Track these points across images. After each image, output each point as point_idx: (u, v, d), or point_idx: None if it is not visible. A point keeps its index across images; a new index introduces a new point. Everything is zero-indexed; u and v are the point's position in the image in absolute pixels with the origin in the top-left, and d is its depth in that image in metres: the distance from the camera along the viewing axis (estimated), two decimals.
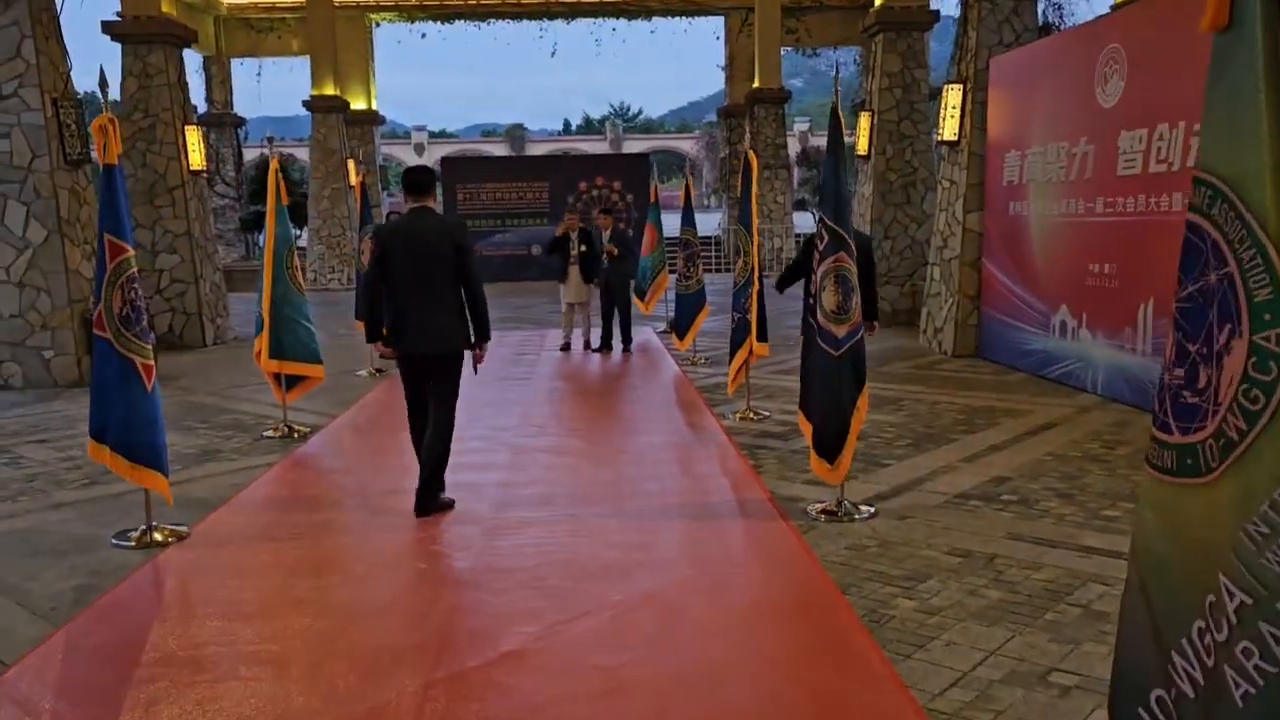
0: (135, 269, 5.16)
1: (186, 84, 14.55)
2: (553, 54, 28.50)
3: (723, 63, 28.38)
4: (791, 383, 8.76)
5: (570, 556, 4.91)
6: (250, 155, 31.97)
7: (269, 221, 7.91)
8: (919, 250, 14.61)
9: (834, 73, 5.49)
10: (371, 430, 8.25)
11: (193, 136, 14.24)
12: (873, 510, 5.51)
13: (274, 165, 7.92)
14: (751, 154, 8.11)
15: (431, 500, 5.62)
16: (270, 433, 8.03)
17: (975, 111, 11.21)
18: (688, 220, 11.65)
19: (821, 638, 3.95)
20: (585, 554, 4.94)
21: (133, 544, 5.24)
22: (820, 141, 41.04)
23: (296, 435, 7.95)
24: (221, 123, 27.53)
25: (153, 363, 5.21)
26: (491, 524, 5.50)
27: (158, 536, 5.32)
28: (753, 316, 7.84)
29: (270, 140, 8.57)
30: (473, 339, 5.64)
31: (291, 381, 8.10)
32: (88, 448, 5.30)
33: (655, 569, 4.71)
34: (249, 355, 13.20)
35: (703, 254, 13.29)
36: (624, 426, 8.23)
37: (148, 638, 3.99)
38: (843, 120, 5.45)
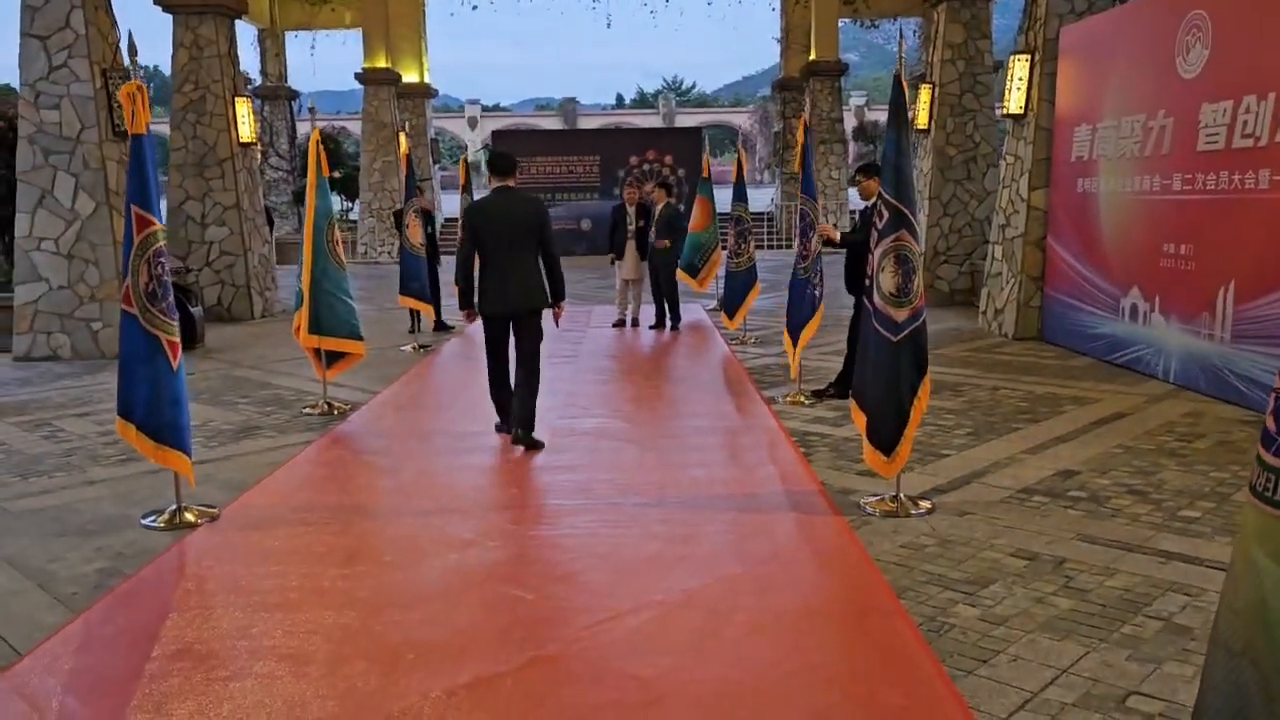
0: (162, 243, 4.98)
1: (237, 56, 14.46)
2: (608, 25, 28.13)
3: (778, 35, 27.80)
4: (838, 364, 8.44)
5: (609, 549, 4.67)
6: (304, 128, 32.10)
7: (309, 194, 7.73)
8: (979, 228, 14.11)
9: (898, 39, 5.12)
10: (412, 408, 8.07)
11: (242, 108, 14.15)
12: (930, 505, 5.19)
13: (315, 136, 7.73)
14: (801, 127, 7.74)
15: (531, 439, 6.40)
16: (310, 410, 7.89)
17: (1043, 83, 10.70)
18: (740, 195, 11.30)
19: (876, 648, 3.66)
20: (625, 547, 4.69)
21: (162, 525, 5.10)
22: (877, 116, 40.24)
23: (336, 412, 7.80)
24: (276, 96, 27.59)
25: (178, 340, 5.04)
26: (529, 512, 5.28)
27: (189, 517, 5.18)
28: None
29: (312, 111, 8.37)
30: (550, 300, 6.46)
31: (332, 358, 7.94)
32: (116, 425, 5.16)
33: (699, 565, 4.45)
34: None
35: (754, 230, 12.88)
36: (670, 409, 7.96)
37: (164, 629, 3.82)
38: (907, 90, 5.09)
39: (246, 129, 14.18)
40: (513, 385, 6.51)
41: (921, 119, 14.34)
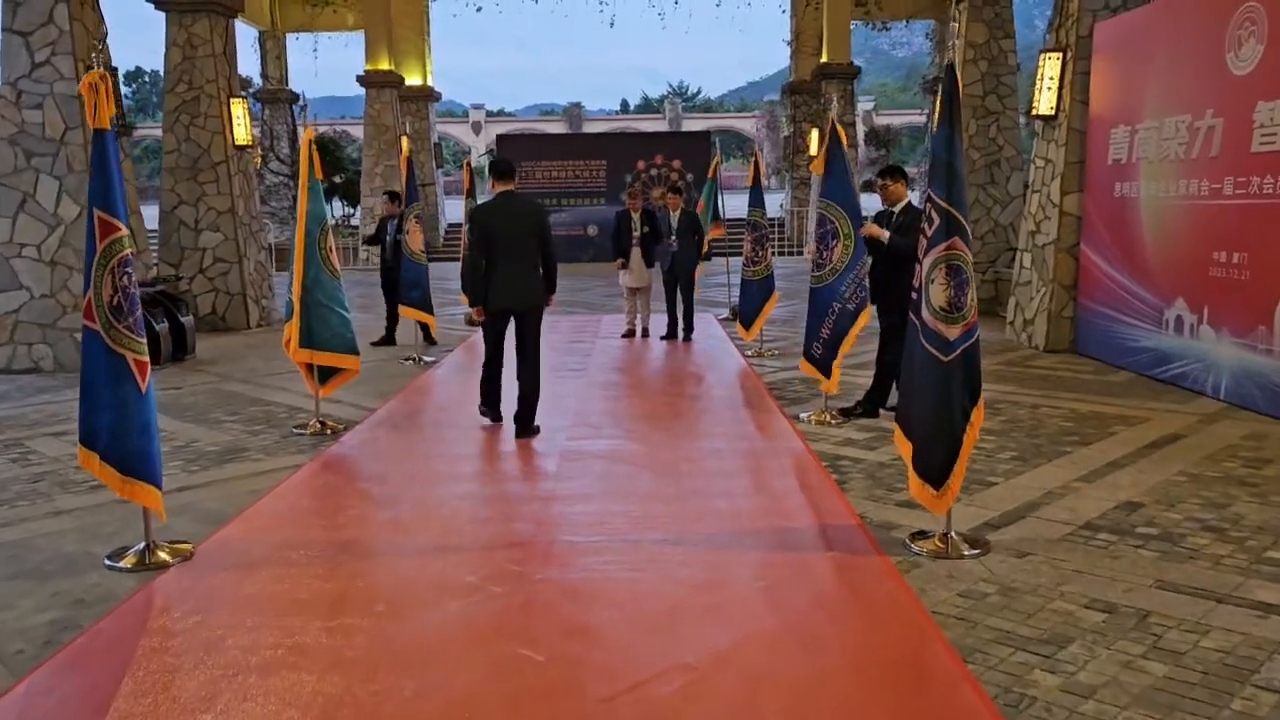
0: (130, 250, 4.46)
1: (234, 55, 13.97)
2: (611, 25, 27.59)
3: (788, 37, 27.29)
4: (867, 378, 7.92)
5: (628, 597, 4.14)
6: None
7: (300, 197, 7.21)
8: (1003, 235, 13.59)
9: (955, 20, 4.59)
10: (411, 428, 7.54)
11: (238, 109, 13.67)
12: (985, 544, 4.65)
13: (307, 136, 7.22)
14: (840, 126, 7.21)
15: (529, 428, 6.92)
16: (301, 429, 7.37)
17: (1076, 82, 10.17)
18: (756, 200, 10.75)
19: None
20: (645, 595, 4.16)
21: (128, 566, 4.58)
22: (887, 120, 39.69)
23: (329, 432, 7.28)
24: (277, 99, 27.10)
25: (147, 359, 4.52)
26: (537, 550, 4.75)
27: (161, 555, 4.66)
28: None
29: (304, 108, 7.86)
30: (547, 293, 7.00)
31: (325, 374, 7.43)
32: (78, 454, 4.64)
33: (729, 618, 3.91)
34: None
35: (771, 237, 12.34)
36: (687, 429, 7.42)
37: (116, 700, 3.29)
38: (960, 81, 4.56)
39: (242, 131, 13.69)
40: (516, 376, 6.98)
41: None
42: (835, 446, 6.62)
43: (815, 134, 24.50)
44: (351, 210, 26.05)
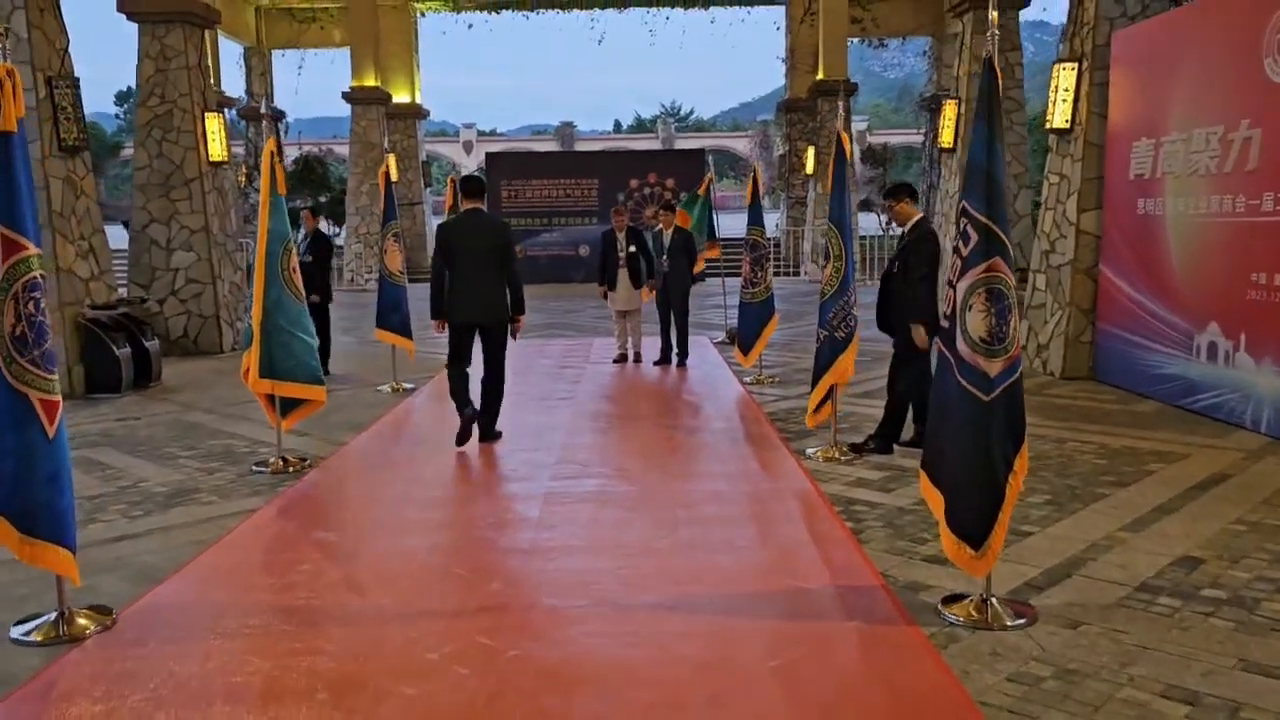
0: (37, 272, 3.83)
1: (208, 68, 13.43)
2: (600, 41, 27.12)
3: (783, 54, 26.84)
4: (875, 409, 7.33)
5: (621, 679, 3.50)
6: (292, 151, 31.05)
7: (261, 214, 6.63)
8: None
9: (990, 20, 4.01)
10: (382, 464, 6.90)
11: (213, 124, 13.07)
12: (1030, 611, 4.03)
13: (269, 146, 6.62)
14: (844, 134, 6.63)
15: (492, 434, 7.30)
16: (261, 466, 6.73)
17: (1093, 94, 9.62)
18: (754, 219, 10.17)
19: None
20: (640, 679, 3.52)
21: (39, 639, 3.93)
22: (883, 139, 39.25)
23: (291, 470, 6.65)
24: (261, 116, 26.55)
25: (57, 399, 3.88)
26: (512, 618, 4.11)
27: (81, 621, 4.02)
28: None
29: (266, 118, 7.25)
30: (510, 313, 7.11)
31: (288, 405, 6.79)
32: None
33: (743, 707, 3.28)
34: None
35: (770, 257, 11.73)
36: (683, 467, 6.79)
37: None
38: (999, 75, 3.97)
39: (218, 146, 13.09)
40: (480, 382, 7.26)
41: (946, 137, 13.31)
42: (847, 488, 5.99)
43: (811, 152, 24.02)
44: (337, 230, 25.43)
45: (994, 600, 4.02)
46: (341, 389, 9.82)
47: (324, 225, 26.50)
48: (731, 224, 17.85)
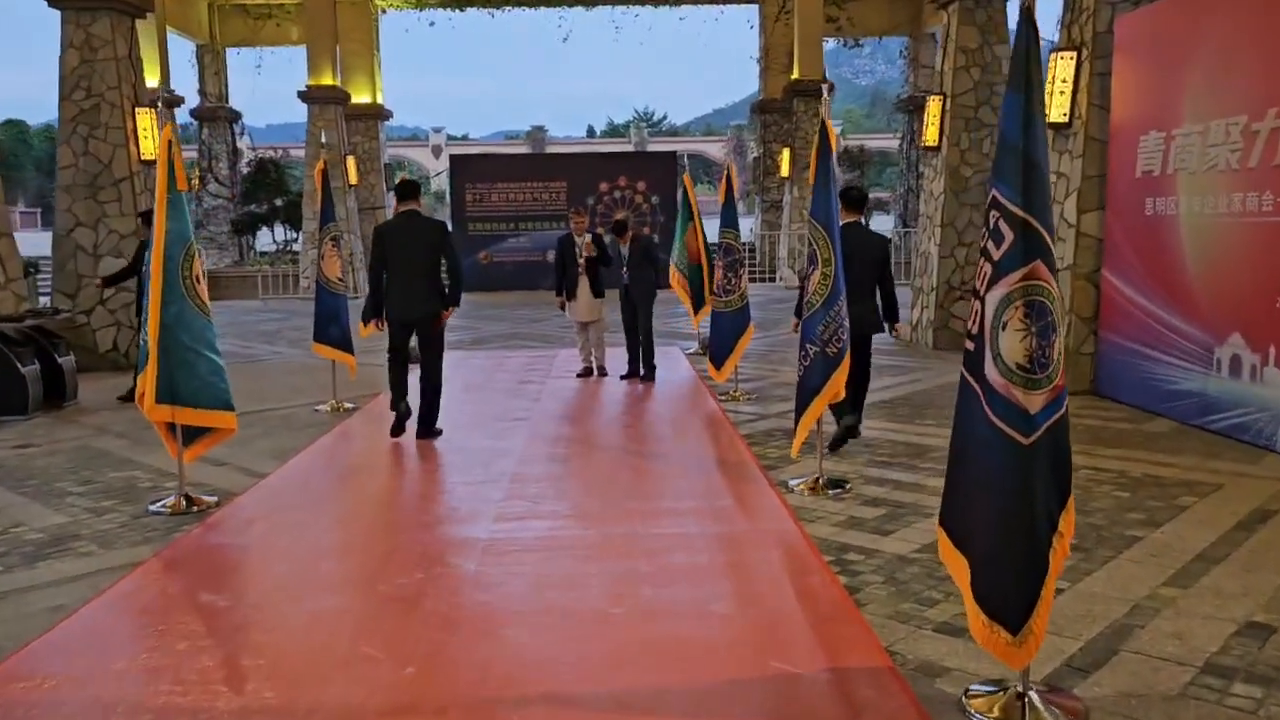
0: None
1: (139, 59, 12.40)
2: (565, 39, 26.25)
3: (757, 54, 26.10)
4: (870, 434, 6.54)
5: None
6: (249, 154, 29.89)
7: (157, 214, 5.70)
8: None
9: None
10: (302, 503, 5.98)
11: (145, 120, 12.09)
12: (1079, 708, 3.20)
13: (167, 134, 5.71)
14: (829, 124, 5.80)
15: (430, 431, 7.48)
16: (161, 506, 5.82)
17: (1094, 85, 8.87)
18: (728, 220, 9.34)
19: None
20: None
21: None
22: (855, 143, 38.57)
23: (195, 509, 5.74)
24: (215, 117, 25.48)
25: None
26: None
27: None
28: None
29: (164, 103, 6.34)
30: (444, 303, 7.35)
31: (192, 433, 5.89)
32: None
33: None
34: None
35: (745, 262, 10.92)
36: (647, 503, 5.92)
37: None
38: (1039, 33, 3.14)
39: (149, 143, 12.09)
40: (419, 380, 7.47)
41: (931, 135, 12.53)
42: (837, 530, 5.15)
43: (787, 154, 23.27)
44: (294, 235, 24.41)
45: (1033, 696, 3.18)
46: (275, 409, 8.90)
47: (280, 231, 25.67)
48: (710, 227, 17.02)
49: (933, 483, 5.93)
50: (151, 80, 22.74)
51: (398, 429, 7.32)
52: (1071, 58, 9.09)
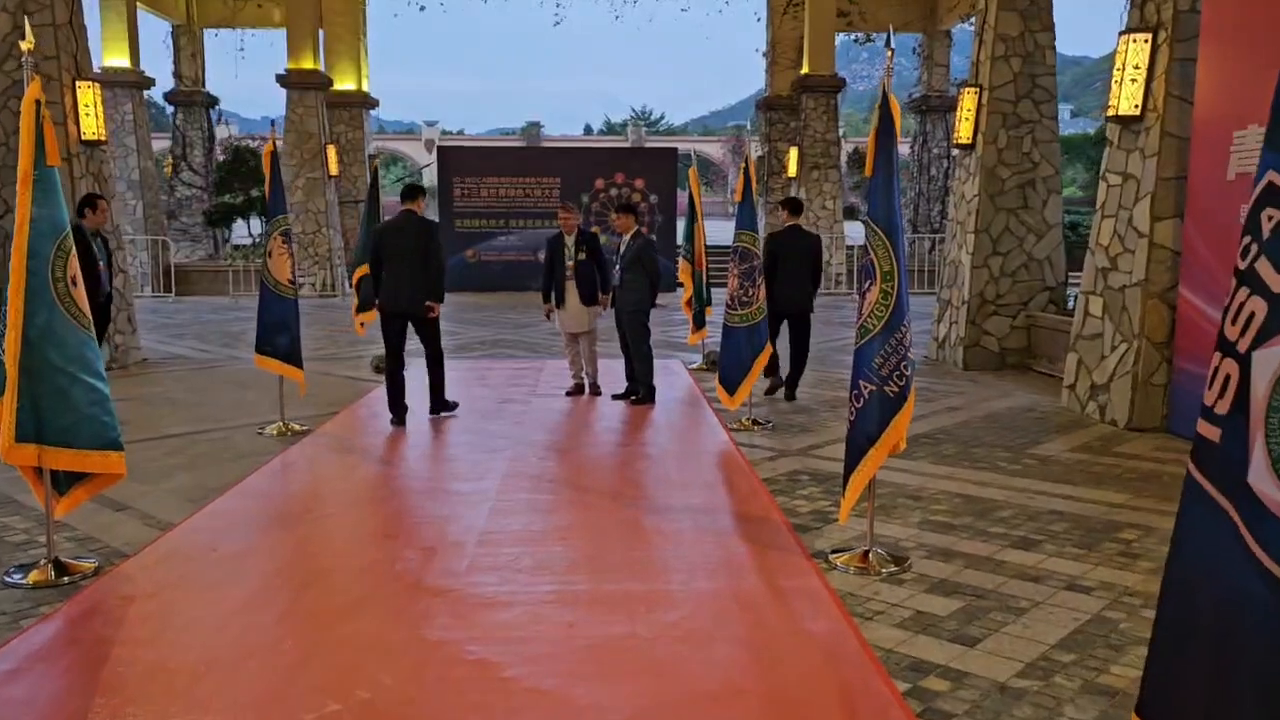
0: None
1: (83, 27, 11.09)
2: (556, 24, 25.01)
3: (763, 48, 24.87)
4: (915, 480, 5.26)
5: None
6: (234, 142, 28.49)
7: (20, 196, 4.43)
8: (1037, 271, 11.04)
9: None
10: (210, 567, 4.67)
11: (87, 95, 10.80)
12: None
13: (34, 91, 4.43)
14: (892, 98, 4.51)
15: (443, 404, 8.13)
16: (22, 571, 4.51)
17: (1173, 72, 7.63)
18: (745, 222, 8.01)
19: None
20: None
21: None
22: (855, 145, 37.39)
23: (67, 579, 4.44)
24: (191, 101, 24.15)
25: None
26: None
27: None
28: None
29: (31, 67, 5.04)
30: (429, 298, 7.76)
31: (68, 479, 4.59)
32: None
33: None
34: (141, 387, 9.74)
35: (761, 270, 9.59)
36: (647, 569, 4.63)
37: None
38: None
39: (91, 122, 10.81)
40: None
41: (965, 131, 11.27)
42: (905, 634, 3.87)
43: (794, 153, 22.05)
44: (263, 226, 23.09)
45: None
46: (210, 431, 7.60)
47: (257, 223, 24.33)
48: (708, 230, 15.76)
49: (1013, 558, 4.67)
50: (120, 60, 21.53)
51: (398, 421, 7.80)
52: (1146, 40, 7.85)
